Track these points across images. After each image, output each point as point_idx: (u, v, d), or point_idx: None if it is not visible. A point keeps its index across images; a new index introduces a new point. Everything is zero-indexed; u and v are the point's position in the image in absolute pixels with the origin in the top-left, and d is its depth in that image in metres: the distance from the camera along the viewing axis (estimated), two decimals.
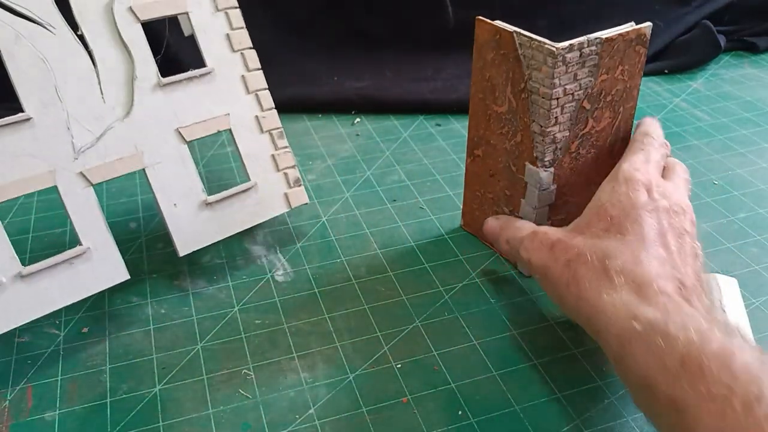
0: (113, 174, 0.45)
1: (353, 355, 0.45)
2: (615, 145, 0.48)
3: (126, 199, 0.60)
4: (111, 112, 0.44)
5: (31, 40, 0.41)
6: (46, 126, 0.42)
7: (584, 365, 0.44)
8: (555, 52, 0.41)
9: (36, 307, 0.42)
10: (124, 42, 0.44)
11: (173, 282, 0.51)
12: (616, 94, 0.46)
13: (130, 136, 0.45)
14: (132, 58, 0.44)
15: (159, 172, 0.47)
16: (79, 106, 0.43)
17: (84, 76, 0.43)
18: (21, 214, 0.58)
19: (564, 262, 0.39)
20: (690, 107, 0.75)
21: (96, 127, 0.44)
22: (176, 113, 0.47)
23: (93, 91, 0.44)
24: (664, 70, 0.82)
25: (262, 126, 0.51)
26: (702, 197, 0.60)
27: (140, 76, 0.45)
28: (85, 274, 0.44)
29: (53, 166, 0.43)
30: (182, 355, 0.44)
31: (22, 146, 0.42)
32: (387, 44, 0.79)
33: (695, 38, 0.84)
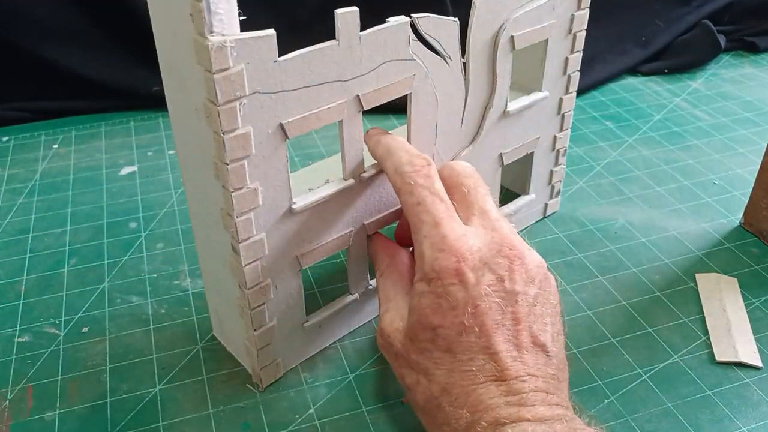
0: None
1: (353, 354, 0.45)
2: None
3: (126, 199, 0.60)
4: (463, 140, 0.45)
5: (433, 76, 0.40)
6: None
7: (584, 365, 0.44)
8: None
9: (371, 312, 0.47)
10: (495, 71, 0.44)
11: (173, 282, 0.50)
12: None
13: (469, 163, 0.45)
14: (495, 87, 0.44)
15: None
16: (443, 137, 0.43)
17: (456, 107, 0.43)
18: (21, 214, 0.58)
19: (407, 386, 0.36)
20: (690, 107, 0.75)
21: (447, 155, 0.44)
22: (504, 138, 0.48)
23: (456, 120, 0.44)
24: (664, 69, 0.82)
25: (556, 145, 0.53)
26: (702, 197, 0.60)
27: (495, 105, 0.45)
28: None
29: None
30: (182, 355, 0.44)
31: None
32: None
33: (695, 38, 0.84)
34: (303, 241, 0.40)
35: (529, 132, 0.50)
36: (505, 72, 0.45)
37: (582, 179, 0.62)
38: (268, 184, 0.36)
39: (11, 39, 0.70)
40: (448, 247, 0.34)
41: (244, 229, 0.36)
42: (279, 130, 0.35)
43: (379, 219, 0.43)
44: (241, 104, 0.33)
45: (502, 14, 0.43)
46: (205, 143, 0.34)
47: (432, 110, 0.42)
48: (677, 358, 0.44)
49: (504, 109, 0.47)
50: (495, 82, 0.45)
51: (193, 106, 0.34)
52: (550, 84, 0.50)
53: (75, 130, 0.71)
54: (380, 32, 0.37)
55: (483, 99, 0.45)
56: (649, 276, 0.51)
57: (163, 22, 0.34)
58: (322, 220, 0.40)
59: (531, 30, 0.45)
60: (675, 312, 0.48)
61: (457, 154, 0.45)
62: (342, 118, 0.37)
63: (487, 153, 0.48)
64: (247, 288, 0.38)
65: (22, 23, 0.70)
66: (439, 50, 0.40)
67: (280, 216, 0.38)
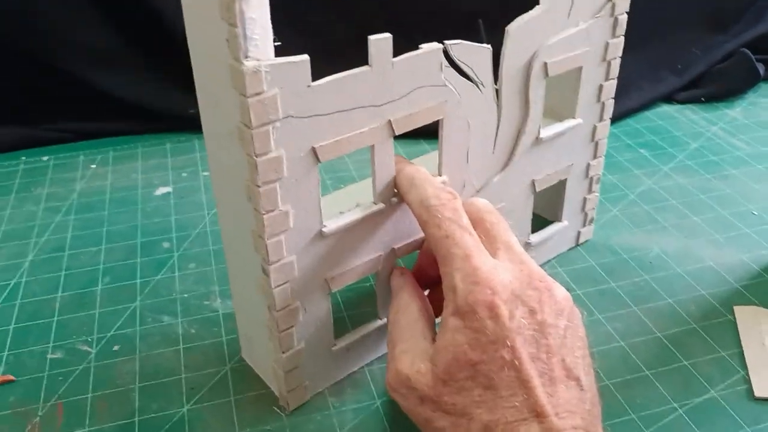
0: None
1: (381, 379, 0.44)
2: None
3: (160, 219, 0.61)
4: (495, 165, 0.45)
5: (465, 102, 0.41)
6: (448, 186, 0.42)
7: (618, 398, 0.42)
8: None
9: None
10: (528, 98, 0.44)
11: (204, 302, 0.51)
12: None
13: (500, 189, 0.46)
14: (528, 114, 0.45)
15: (508, 221, 0.48)
16: (475, 163, 0.44)
17: (488, 133, 0.43)
18: (58, 232, 0.59)
19: (425, 419, 0.35)
20: (727, 136, 0.74)
21: (479, 180, 0.44)
22: (536, 165, 0.48)
23: (488, 146, 0.44)
24: (701, 97, 0.81)
25: (589, 173, 0.53)
26: (740, 227, 0.58)
27: (527, 131, 0.45)
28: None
29: None
30: (211, 376, 0.45)
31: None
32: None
33: (733, 66, 0.83)
34: (332, 264, 0.40)
35: (562, 159, 0.50)
36: (538, 98, 0.45)
37: (616, 207, 0.61)
38: (300, 206, 0.36)
39: (55, 62, 0.72)
40: (481, 279, 0.34)
41: (274, 251, 0.36)
42: (311, 154, 0.35)
43: (409, 244, 0.43)
44: (274, 128, 0.33)
45: (535, 41, 0.43)
46: (238, 165, 0.35)
47: (464, 136, 0.42)
48: (714, 392, 0.43)
49: (537, 136, 0.46)
50: (528, 109, 0.45)
51: (227, 129, 0.34)
52: (584, 111, 0.49)
53: (113, 151, 0.72)
54: (413, 59, 0.37)
55: (515, 125, 0.45)
56: (685, 307, 0.50)
57: (201, 48, 0.34)
58: (352, 244, 0.40)
59: (565, 57, 0.45)
60: (712, 345, 0.46)
61: (488, 180, 0.45)
62: (374, 142, 0.37)
63: (520, 179, 0.47)
64: (276, 310, 0.38)
65: (65, 47, 0.72)
66: (472, 77, 0.40)
67: (310, 239, 0.38)
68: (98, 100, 0.74)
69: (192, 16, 0.34)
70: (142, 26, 0.72)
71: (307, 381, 0.42)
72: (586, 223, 0.56)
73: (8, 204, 0.64)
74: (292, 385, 0.41)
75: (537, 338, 0.33)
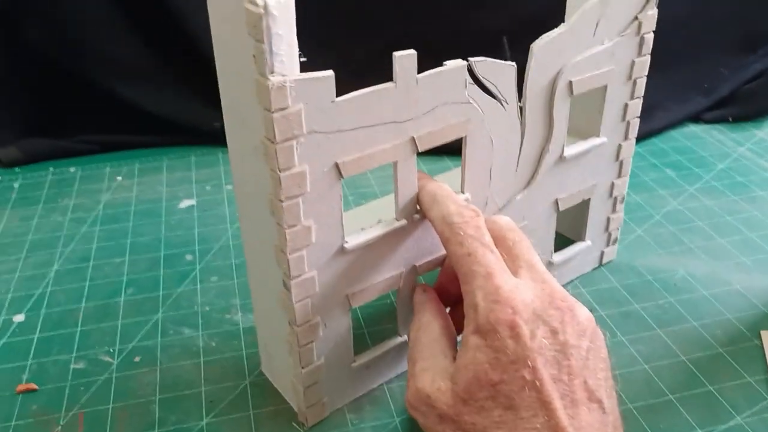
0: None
1: (400, 397, 0.44)
2: None
3: (183, 231, 0.61)
4: (518, 183, 0.45)
5: (489, 119, 0.41)
6: (470, 203, 0.42)
7: (641, 422, 0.42)
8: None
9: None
10: (552, 116, 0.44)
11: (225, 315, 0.51)
12: None
13: (521, 209, 0.46)
14: (552, 132, 0.45)
15: (530, 240, 0.48)
16: (498, 181, 0.44)
17: (511, 151, 0.43)
18: (83, 243, 0.60)
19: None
20: (755, 156, 0.73)
21: (501, 198, 0.44)
22: (560, 184, 0.48)
23: (512, 163, 0.44)
24: (728, 118, 0.80)
25: (613, 192, 0.53)
26: None
27: (551, 150, 0.45)
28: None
29: None
30: (230, 390, 0.45)
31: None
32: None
33: (761, 86, 0.82)
34: (354, 280, 0.40)
35: (586, 178, 0.49)
36: (562, 117, 0.45)
37: (641, 228, 0.61)
38: (322, 222, 0.36)
39: (84, 75, 0.73)
40: (502, 298, 0.33)
41: (296, 266, 0.36)
42: (334, 169, 0.35)
43: (430, 261, 0.43)
44: (298, 143, 0.33)
45: (560, 59, 0.43)
46: (261, 180, 0.35)
47: (487, 153, 0.42)
48: (740, 419, 0.42)
49: (561, 154, 0.46)
50: (552, 127, 0.44)
51: (251, 144, 0.35)
52: (608, 130, 0.49)
53: (138, 163, 0.73)
54: (437, 75, 0.37)
55: (539, 143, 0.45)
56: (710, 331, 0.49)
57: (227, 63, 0.35)
58: (374, 260, 0.40)
59: (590, 76, 0.45)
60: (738, 370, 0.45)
61: (511, 198, 0.45)
62: (397, 159, 0.38)
63: (543, 198, 0.47)
64: (296, 325, 0.38)
65: (94, 60, 0.73)
66: (496, 94, 0.40)
67: (332, 254, 0.38)
68: (125, 113, 0.75)
69: (219, 32, 0.34)
70: (169, 40, 0.74)
71: (326, 397, 0.42)
72: (609, 243, 0.55)
73: (36, 214, 0.65)
74: (311, 400, 0.41)
75: (558, 359, 0.33)
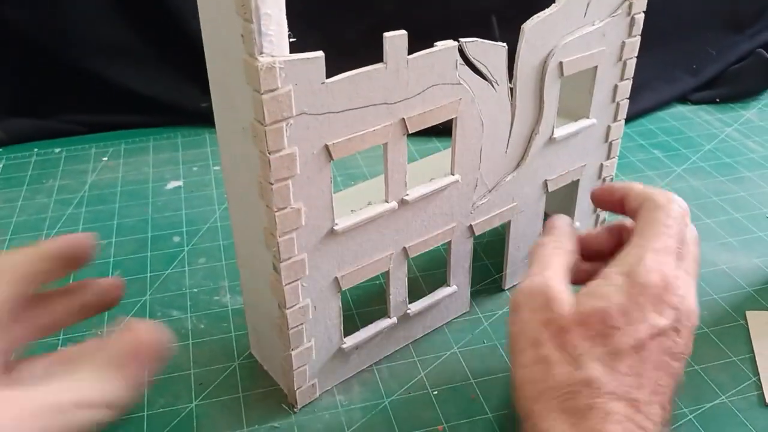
0: (489, 227, 0.46)
1: (390, 379, 0.44)
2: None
3: (170, 213, 0.61)
4: (507, 165, 0.45)
5: (479, 100, 0.41)
6: (462, 187, 0.43)
7: None
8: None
9: (408, 337, 0.47)
10: (542, 97, 0.44)
11: (213, 297, 0.51)
12: None
13: (511, 190, 0.46)
14: (542, 113, 0.44)
15: (519, 221, 0.48)
16: (488, 162, 0.43)
17: (502, 132, 0.43)
18: (69, 225, 0.60)
19: (542, 357, 0.34)
20: (742, 137, 0.73)
21: (491, 180, 0.44)
22: (549, 165, 0.48)
23: (501, 145, 0.44)
24: (716, 98, 0.80)
25: (602, 173, 0.52)
26: (754, 231, 0.58)
27: (541, 131, 0.45)
28: (446, 308, 0.48)
29: (455, 222, 0.44)
30: (219, 372, 0.45)
31: (441, 206, 0.42)
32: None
33: (749, 67, 0.82)
34: (343, 262, 0.40)
35: (575, 159, 0.49)
36: (552, 98, 0.44)
37: None
38: (312, 204, 0.36)
39: (69, 55, 0.72)
40: (665, 271, 0.34)
41: (286, 248, 0.36)
42: (324, 152, 0.35)
43: (421, 242, 0.43)
44: (288, 125, 0.33)
45: (550, 40, 0.43)
46: (250, 162, 0.35)
47: (477, 135, 0.42)
48: (725, 398, 0.42)
49: (550, 136, 0.46)
50: (542, 108, 0.44)
51: (240, 125, 0.34)
52: (598, 111, 0.49)
53: (124, 144, 0.72)
54: (428, 56, 0.37)
55: (529, 125, 0.45)
56: None
57: (216, 43, 0.34)
58: (364, 242, 0.40)
59: (580, 56, 0.45)
60: (723, 350, 0.46)
61: (501, 180, 0.45)
62: (387, 140, 0.37)
63: (532, 179, 0.47)
64: (286, 308, 0.38)
65: (79, 40, 0.72)
66: (486, 75, 0.40)
67: (321, 237, 0.37)
68: (111, 93, 0.74)
69: (207, 12, 0.34)
70: (156, 20, 0.72)
71: (315, 379, 0.42)
72: (597, 224, 0.56)
73: (20, 195, 0.64)
74: (300, 382, 0.41)
75: (669, 358, 0.33)
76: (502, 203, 0.46)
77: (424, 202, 0.41)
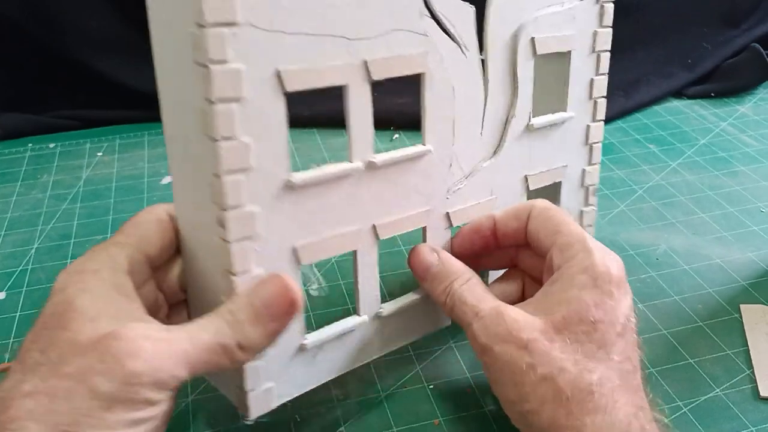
0: (467, 219, 0.43)
1: (386, 373, 0.44)
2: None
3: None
4: (482, 150, 0.42)
5: (449, 63, 0.38)
6: (435, 162, 0.40)
7: None
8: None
9: (384, 345, 0.42)
10: (516, 76, 0.42)
11: None
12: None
13: (489, 180, 0.43)
14: (516, 95, 0.42)
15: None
16: (462, 142, 0.41)
17: (475, 111, 0.41)
18: (64, 220, 0.60)
19: (540, 376, 0.34)
20: (737, 132, 0.73)
21: (466, 165, 0.42)
22: (530, 159, 0.45)
23: (476, 126, 0.42)
24: (711, 93, 0.81)
25: (584, 180, 0.49)
26: (748, 225, 0.58)
27: (517, 115, 0.43)
28: (426, 315, 0.43)
29: (430, 205, 0.40)
30: None
31: (414, 181, 0.39)
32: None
33: (744, 61, 0.82)
34: (303, 229, 0.35)
35: (556, 156, 0.47)
36: (526, 77, 0.43)
37: (623, 203, 0.61)
38: (263, 145, 0.32)
39: (63, 49, 0.72)
40: (613, 256, 0.37)
41: (233, 192, 0.31)
42: (275, 79, 0.32)
43: (391, 222, 0.39)
44: (232, 33, 0.30)
45: (520, 13, 0.41)
46: (188, 81, 0.31)
47: (448, 104, 0.39)
48: (719, 391, 0.43)
49: (528, 122, 0.44)
50: (516, 88, 0.43)
51: (177, 46, 0.31)
52: (576, 106, 0.47)
53: (119, 139, 0.72)
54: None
55: (504, 106, 0.43)
56: (691, 305, 0.49)
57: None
58: (325, 208, 0.36)
59: (552, 36, 0.43)
60: (718, 343, 0.46)
61: (477, 166, 0.43)
62: (347, 82, 0.34)
63: (511, 171, 0.45)
64: (233, 274, 0.33)
65: (73, 34, 0.72)
66: (454, 36, 0.38)
67: (276, 190, 0.33)
68: (106, 88, 0.74)
69: None
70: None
71: (272, 382, 0.36)
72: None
73: (15, 191, 0.64)
74: (253, 384, 0.35)
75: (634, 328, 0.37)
76: (480, 194, 0.43)
77: (394, 172, 0.38)
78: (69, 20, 0.71)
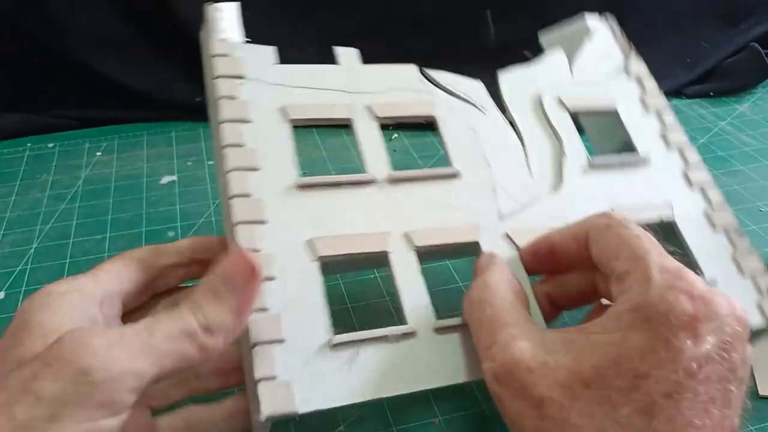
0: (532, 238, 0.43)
1: None
2: None
3: (165, 208, 0.61)
4: (537, 186, 0.44)
5: (463, 113, 0.42)
6: (472, 184, 0.42)
7: None
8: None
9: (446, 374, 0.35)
10: (552, 126, 0.44)
11: None
12: None
13: (561, 210, 0.43)
14: (560, 140, 0.44)
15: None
16: (506, 175, 0.43)
17: (511, 151, 0.43)
18: (63, 220, 0.60)
19: (534, 428, 0.27)
20: (736, 131, 0.73)
21: (522, 196, 0.43)
22: (608, 194, 0.44)
23: (520, 164, 0.44)
24: (710, 92, 0.81)
25: (713, 221, 0.45)
26: (748, 224, 0.58)
27: (568, 155, 0.44)
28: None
29: (476, 221, 0.41)
30: None
31: (446, 198, 0.41)
32: (428, 61, 0.79)
33: (743, 61, 0.82)
34: (319, 223, 0.36)
35: (649, 195, 0.45)
36: (565, 126, 0.44)
37: None
38: (270, 160, 0.36)
39: (62, 49, 0.72)
40: (686, 279, 0.28)
41: (238, 184, 0.35)
42: (281, 113, 0.37)
43: (428, 231, 0.38)
44: (242, 84, 0.36)
45: (535, 87, 0.44)
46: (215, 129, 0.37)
47: (471, 139, 0.42)
48: None
49: (587, 162, 0.44)
50: (558, 136, 0.44)
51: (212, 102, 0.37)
52: (648, 149, 0.47)
53: (118, 139, 0.72)
54: (385, 67, 0.39)
55: (550, 150, 0.44)
56: None
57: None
58: (345, 206, 0.37)
59: (583, 99, 0.46)
60: None
61: (535, 197, 0.43)
62: (351, 116, 0.38)
63: (590, 204, 0.42)
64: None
65: (72, 34, 0.72)
66: (468, 99, 0.41)
67: (285, 188, 0.36)
68: (104, 88, 0.74)
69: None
70: (149, 14, 0.72)
71: (295, 384, 0.33)
72: (764, 294, 0.44)
73: (13, 191, 0.64)
74: (265, 371, 0.32)
75: (724, 382, 0.27)
76: (552, 222, 0.41)
77: (419, 186, 0.40)
78: (68, 19, 0.71)
